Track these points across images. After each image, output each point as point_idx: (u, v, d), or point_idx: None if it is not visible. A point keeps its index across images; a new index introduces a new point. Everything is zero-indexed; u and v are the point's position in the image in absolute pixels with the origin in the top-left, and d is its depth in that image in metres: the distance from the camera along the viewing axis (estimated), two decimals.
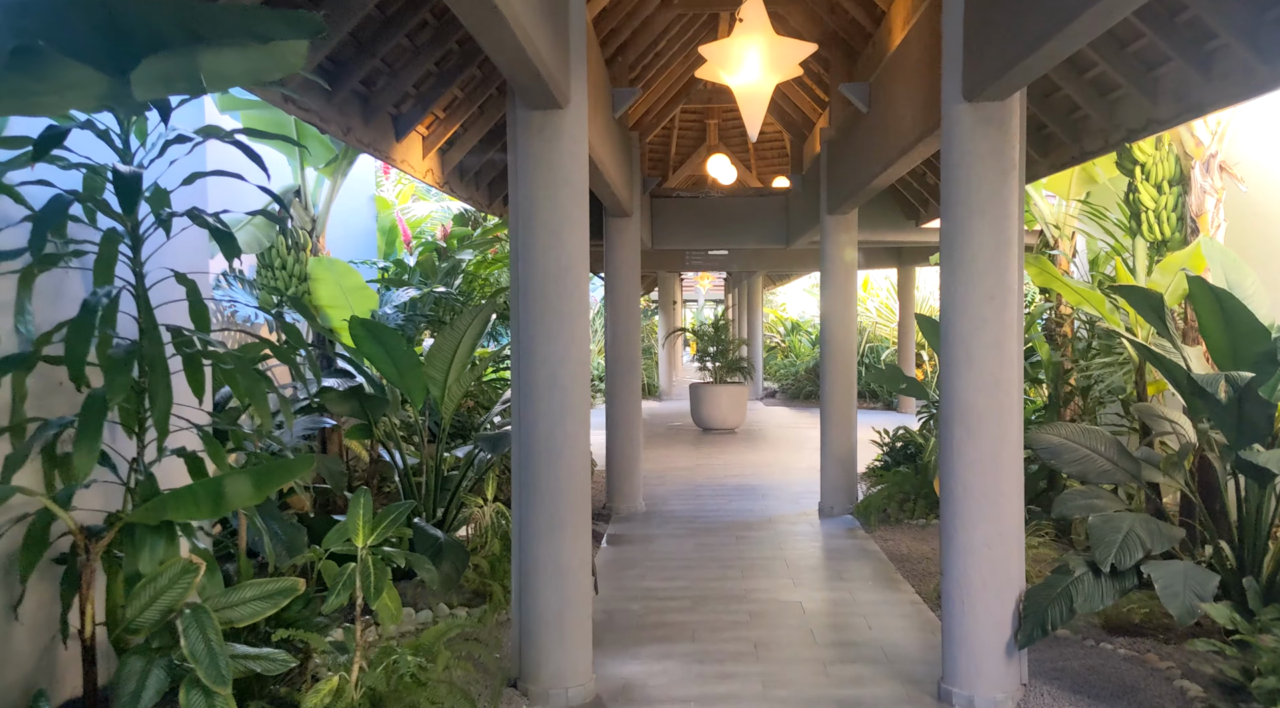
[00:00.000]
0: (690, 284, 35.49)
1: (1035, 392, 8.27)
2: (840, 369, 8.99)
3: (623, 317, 9.16)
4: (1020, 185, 4.49)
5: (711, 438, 14.92)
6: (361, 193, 9.72)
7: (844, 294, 9.00)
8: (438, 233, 8.73)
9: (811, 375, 20.80)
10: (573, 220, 4.60)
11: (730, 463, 12.27)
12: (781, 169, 18.09)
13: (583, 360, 4.65)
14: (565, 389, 4.56)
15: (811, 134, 11.75)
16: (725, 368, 15.99)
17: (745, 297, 23.25)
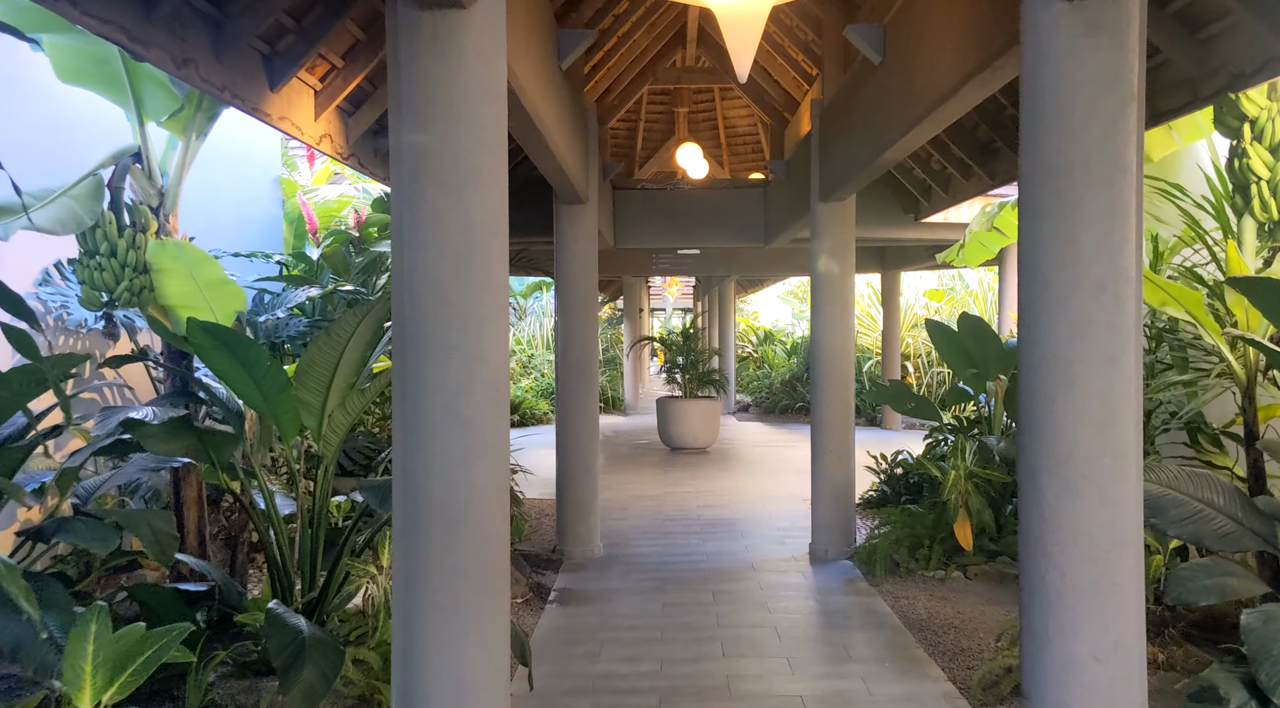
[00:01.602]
0: (658, 291, 34.07)
1: None
2: (835, 386, 7.56)
3: (576, 322, 7.67)
4: (1141, 123, 3.06)
5: (681, 459, 13.45)
6: (264, 174, 8.17)
7: (839, 297, 7.57)
8: (349, 220, 7.19)
9: (788, 388, 19.40)
10: (482, 175, 3.12)
11: (703, 490, 10.80)
12: (757, 166, 16.70)
13: (498, 383, 3.16)
14: (471, 425, 3.07)
15: (796, 115, 10.34)
16: (696, 381, 14.53)
17: (716, 304, 21.84)
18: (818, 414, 7.65)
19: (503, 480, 3.19)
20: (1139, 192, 3.05)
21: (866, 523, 8.64)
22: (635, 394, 20.41)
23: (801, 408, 18.65)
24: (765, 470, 12.27)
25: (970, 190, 8.25)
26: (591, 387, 7.74)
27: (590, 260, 7.69)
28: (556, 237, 7.65)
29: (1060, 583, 2.98)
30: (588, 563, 7.42)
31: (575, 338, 7.68)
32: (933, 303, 19.83)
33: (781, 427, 17.64)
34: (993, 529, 6.61)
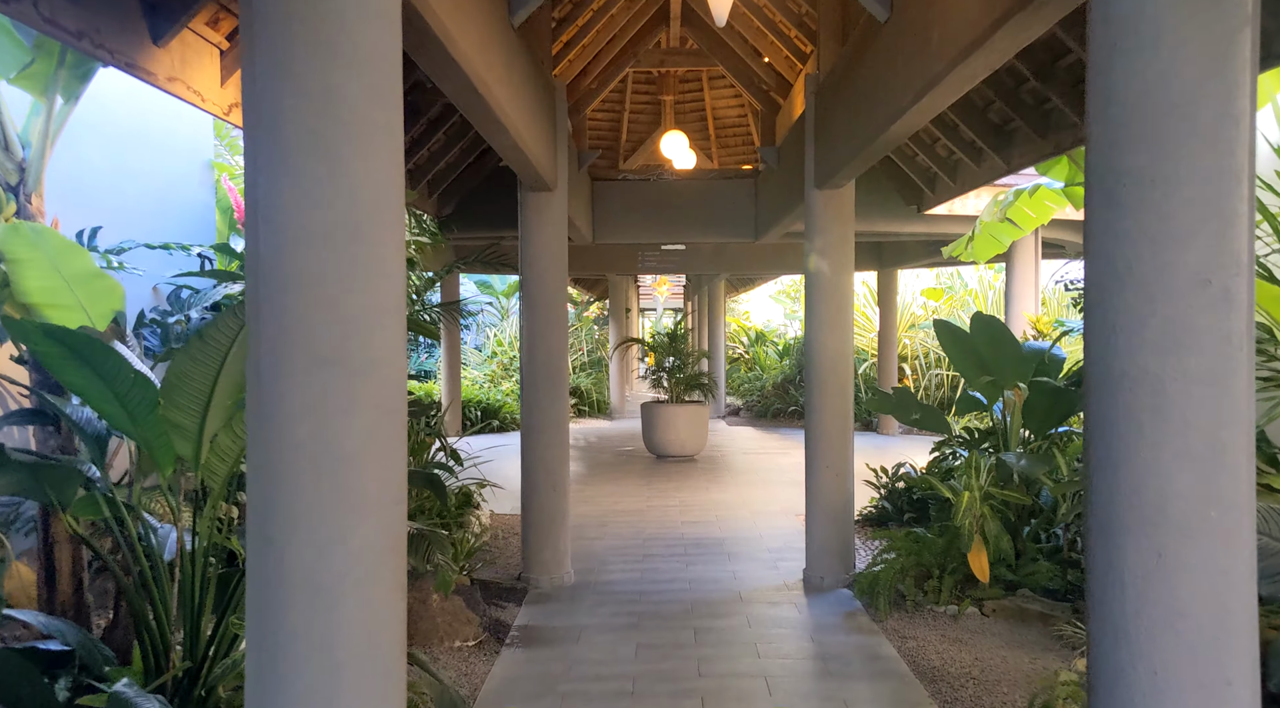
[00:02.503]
0: (648, 291, 33.28)
1: None
2: (832, 394, 6.77)
3: (544, 321, 6.86)
4: (1255, 56, 2.27)
5: (666, 468, 12.64)
6: (191, 156, 7.33)
7: (836, 294, 6.78)
8: None
9: (780, 391, 18.63)
10: (369, 129, 2.32)
11: (688, 503, 10.00)
12: (747, 159, 15.91)
13: (392, 406, 2.36)
14: (351, 464, 2.27)
15: (788, 99, 9.55)
16: (683, 385, 13.73)
17: (706, 303, 21.06)
18: (813, 424, 6.87)
19: (397, 540, 2.38)
20: (1252, 149, 2.26)
21: (866, 544, 7.87)
22: (622, 397, 19.62)
23: (794, 412, 17.88)
24: (755, 481, 11.48)
25: (981, 177, 7.47)
26: (560, 394, 6.93)
27: (558, 254, 6.88)
28: (521, 228, 6.84)
29: (1150, 683, 2.19)
30: (556, 593, 6.62)
31: (542, 339, 6.87)
32: (931, 302, 19.07)
33: (773, 432, 16.86)
34: (1011, 557, 5.82)
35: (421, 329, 7.73)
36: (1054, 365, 6.51)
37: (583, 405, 19.28)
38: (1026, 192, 6.76)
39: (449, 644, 5.31)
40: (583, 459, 13.65)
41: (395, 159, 2.39)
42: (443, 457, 8.05)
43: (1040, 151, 6.21)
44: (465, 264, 9.06)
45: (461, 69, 3.65)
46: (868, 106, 5.33)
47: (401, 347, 2.40)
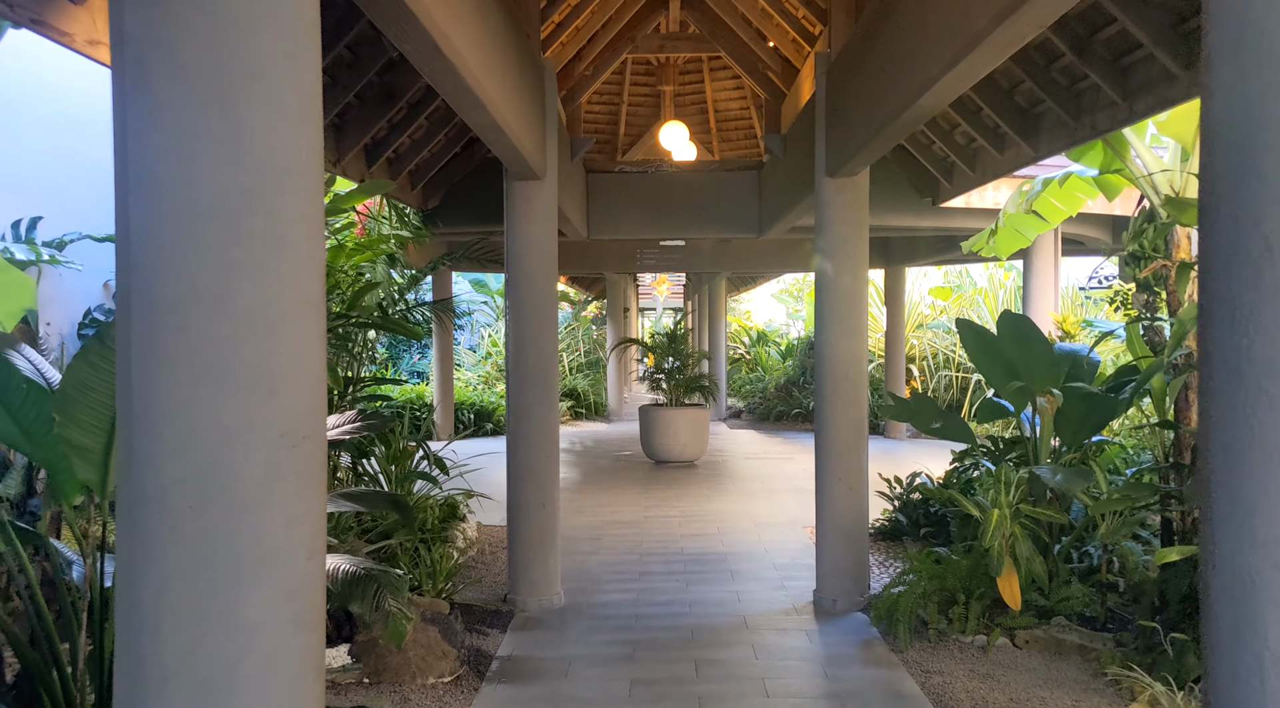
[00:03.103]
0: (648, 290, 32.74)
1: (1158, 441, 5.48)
2: (844, 401, 6.23)
3: (532, 321, 6.32)
4: None
5: (665, 474, 12.10)
6: None
7: (849, 292, 6.24)
8: None
9: (783, 393, 18.09)
10: (270, 74, 1.78)
11: (688, 514, 9.45)
12: (750, 153, 15.37)
13: (307, 429, 1.82)
14: (246, 512, 1.73)
15: (795, 86, 9.00)
16: (682, 387, 13.18)
17: (706, 303, 20.51)
18: (824, 434, 6.32)
19: (309, 608, 1.84)
20: None
21: (879, 561, 7.33)
22: (620, 400, 19.07)
23: (798, 415, 17.35)
24: (759, 489, 10.94)
25: (1004, 166, 6.94)
26: (550, 400, 6.39)
27: (547, 248, 6.33)
28: (507, 220, 6.30)
29: None
30: (544, 617, 6.08)
31: (531, 341, 6.32)
32: (939, 301, 18.53)
33: (776, 435, 16.32)
34: (1044, 580, 5.28)
35: (402, 330, 7.18)
36: (1087, 369, 5.97)
37: (579, 408, 18.74)
38: (1056, 181, 6.22)
39: (421, 682, 4.77)
40: (578, 465, 13.11)
41: (308, 107, 1.84)
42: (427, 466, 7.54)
43: (1073, 136, 5.67)
44: (451, 260, 8.51)
45: (419, 22, 3.11)
46: (890, 80, 4.78)
47: (317, 354, 1.86)
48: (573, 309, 22.91)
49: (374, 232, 7.91)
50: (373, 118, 6.47)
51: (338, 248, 7.12)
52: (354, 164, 6.75)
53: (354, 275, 7.67)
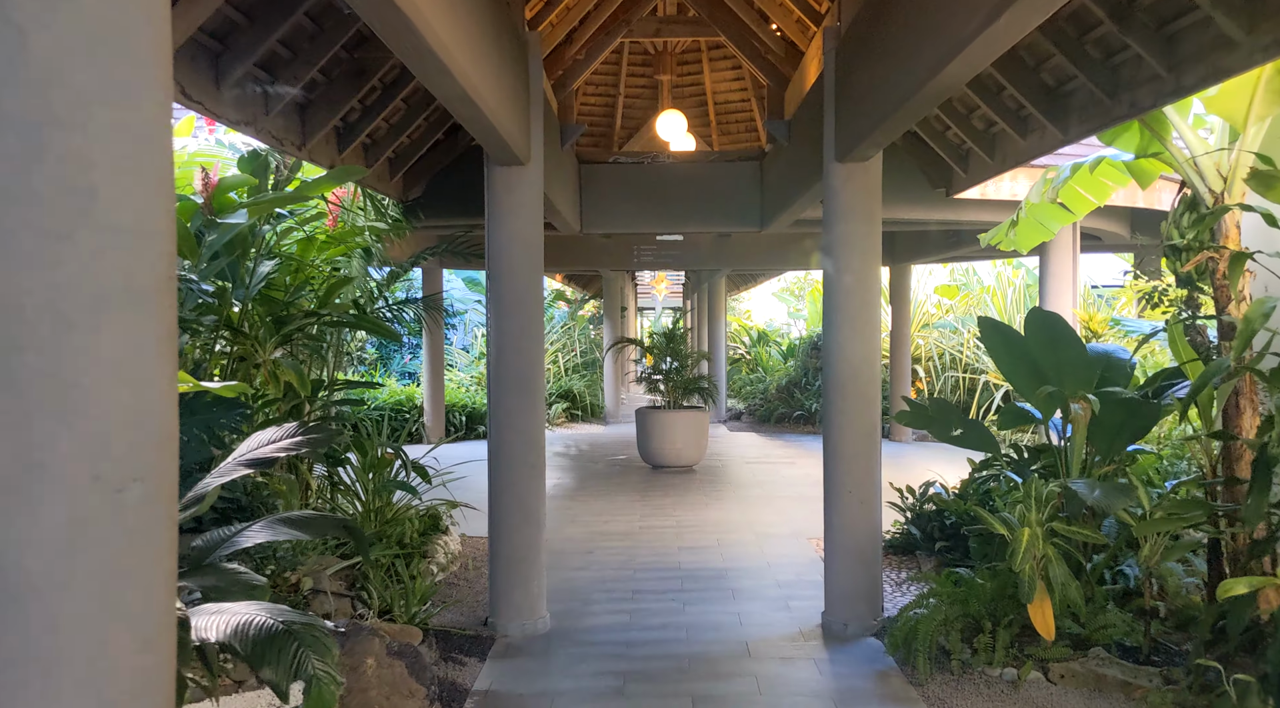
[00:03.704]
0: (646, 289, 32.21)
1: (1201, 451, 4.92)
2: (855, 407, 5.71)
3: (515, 320, 5.79)
4: None
5: (662, 480, 11.57)
6: None
7: (861, 288, 5.72)
8: (196, 183, 5.29)
9: (784, 395, 17.56)
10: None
11: (686, 524, 8.93)
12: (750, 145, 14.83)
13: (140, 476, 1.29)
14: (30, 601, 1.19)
15: (799, 69, 8.48)
16: (681, 389, 12.65)
17: (706, 302, 19.98)
18: (833, 442, 5.80)
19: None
20: None
21: (892, 577, 6.81)
22: (617, 401, 18.54)
23: (799, 417, 16.82)
24: (760, 496, 10.41)
25: (1027, 152, 6.42)
26: (535, 407, 5.86)
27: (532, 240, 5.81)
28: (488, 208, 5.78)
29: None
30: (527, 644, 5.55)
31: (513, 342, 5.80)
32: (945, 300, 18.01)
33: (777, 438, 15.80)
34: (1080, 607, 4.75)
35: (379, 330, 6.66)
36: (1120, 371, 5.44)
37: (575, 409, 18.22)
38: (1087, 166, 5.70)
39: None
40: (572, 470, 12.59)
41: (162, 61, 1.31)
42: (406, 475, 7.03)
43: (1108, 115, 5.14)
44: (433, 255, 8.00)
45: None
46: (910, 49, 4.25)
47: (157, 364, 1.33)
48: (569, 308, 22.39)
49: (348, 223, 7.39)
50: (342, 97, 5.94)
51: (307, 241, 6.60)
52: (322, 148, 6.22)
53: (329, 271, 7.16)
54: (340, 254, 6.89)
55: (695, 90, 14.53)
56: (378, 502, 7.02)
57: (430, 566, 6.91)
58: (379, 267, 7.60)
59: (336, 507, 6.96)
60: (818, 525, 8.29)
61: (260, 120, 5.39)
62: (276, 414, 6.12)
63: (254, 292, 5.99)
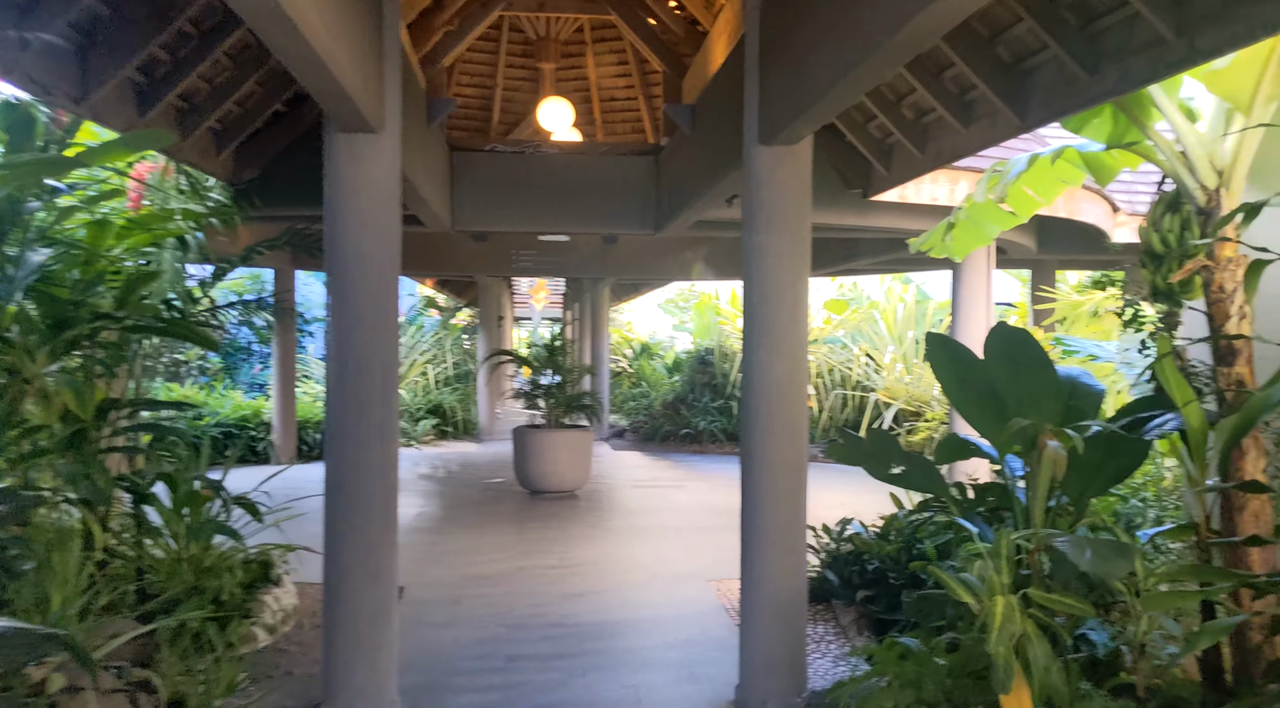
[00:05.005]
0: (524, 298, 30.94)
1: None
2: (780, 436, 4.74)
3: (361, 324, 4.60)
4: None
5: (543, 509, 10.42)
6: None
7: (789, 296, 4.77)
8: None
9: (670, 411, 16.62)
10: None
11: (570, 563, 7.82)
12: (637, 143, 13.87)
13: None
14: None
15: (703, 50, 7.51)
16: (563, 406, 11.54)
17: (588, 313, 18.91)
18: (752, 478, 4.82)
19: None
20: None
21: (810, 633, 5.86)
22: (492, 417, 17.26)
23: (687, 435, 15.90)
24: (652, 527, 9.40)
25: (970, 142, 5.60)
26: (387, 431, 4.67)
27: (385, 227, 4.63)
28: (328, 185, 4.58)
29: None
30: None
31: (360, 354, 4.60)
32: (835, 315, 17.44)
33: (664, 457, 14.83)
34: (1063, 695, 3.85)
35: (192, 337, 5.36)
36: (1089, 400, 4.61)
37: (446, 426, 16.87)
38: (1047, 157, 4.89)
39: None
40: (439, 496, 11.33)
41: None
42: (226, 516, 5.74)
43: (1085, 94, 4.30)
44: (271, 248, 6.71)
45: None
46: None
47: None
48: (441, 316, 21.00)
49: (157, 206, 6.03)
50: (137, 40, 4.64)
51: (99, 225, 5.24)
52: (113, 106, 4.87)
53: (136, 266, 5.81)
54: (146, 244, 5.54)
55: (579, 84, 13.49)
56: (193, 548, 5.72)
57: (255, 629, 5.62)
58: (201, 261, 6.25)
59: (142, 555, 5.61)
60: (719, 563, 7.36)
61: (19, 61, 4.06)
62: (47, 444, 4.76)
63: (20, 287, 4.64)
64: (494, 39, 12.71)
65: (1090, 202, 8.54)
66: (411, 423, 15.87)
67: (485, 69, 13.26)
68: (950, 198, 7.43)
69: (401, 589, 6.77)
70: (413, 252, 12.63)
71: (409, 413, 16.09)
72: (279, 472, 6.54)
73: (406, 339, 18.83)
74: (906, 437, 14.25)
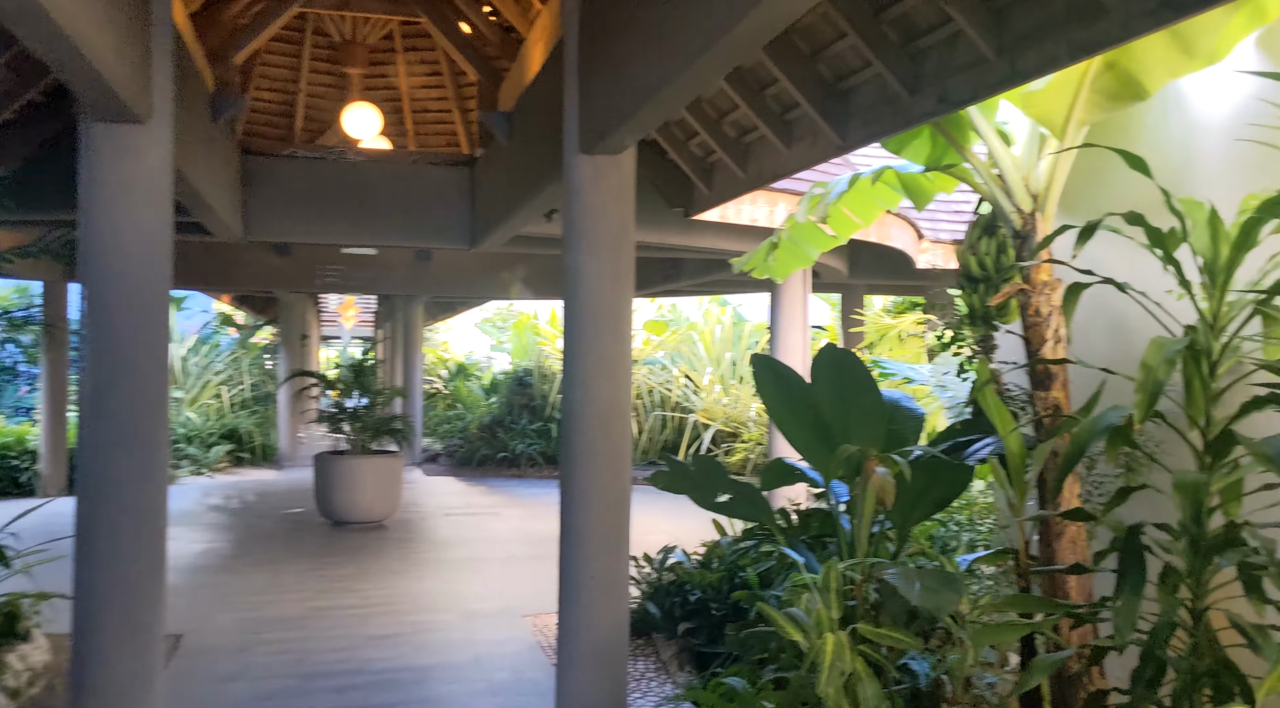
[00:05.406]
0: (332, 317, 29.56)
1: None
2: (604, 465, 4.45)
3: (126, 343, 4.01)
4: None
5: (347, 542, 9.74)
6: None
7: (612, 314, 4.50)
8: None
9: (486, 434, 16.09)
10: None
11: (375, 601, 7.26)
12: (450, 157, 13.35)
13: None
14: None
15: (519, 58, 7.18)
16: (371, 431, 10.88)
17: (401, 332, 18.14)
18: (573, 511, 4.50)
19: None
20: None
21: (629, 670, 5.58)
22: (293, 442, 16.20)
23: (504, 459, 15.42)
24: (465, 557, 8.92)
25: (791, 162, 5.52)
26: (155, 462, 4.07)
27: (155, 226, 4.05)
28: (83, 181, 3.97)
29: None
30: None
31: (118, 369, 3.99)
32: (654, 336, 17.42)
33: (479, 483, 14.31)
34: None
35: None
36: (910, 424, 4.55)
37: (242, 452, 15.73)
38: (868, 178, 4.84)
39: None
40: (232, 529, 10.43)
41: None
42: None
43: (906, 115, 4.25)
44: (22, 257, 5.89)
45: None
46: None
47: None
48: (239, 335, 19.68)
49: None
50: None
51: None
52: None
53: None
54: None
55: (390, 93, 12.87)
56: None
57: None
58: None
59: None
60: (536, 596, 7.00)
61: None
62: None
63: None
64: (297, 41, 11.94)
65: (899, 227, 8.74)
66: (203, 449, 14.69)
67: (288, 73, 12.44)
68: (770, 219, 7.39)
69: (179, 638, 6.08)
70: (201, 263, 11.77)
71: (200, 438, 14.90)
72: (39, 506, 5.74)
73: (200, 359, 17.51)
74: (725, 457, 14.33)
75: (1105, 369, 3.35)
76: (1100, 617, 3.36)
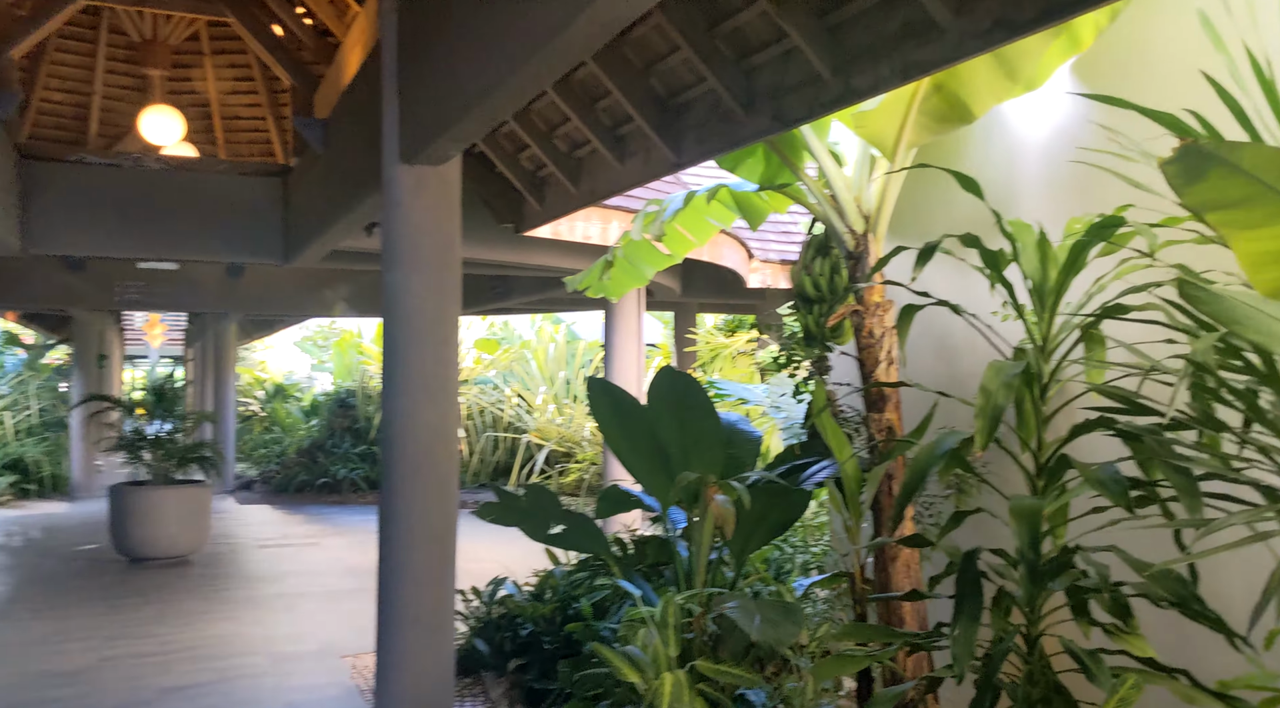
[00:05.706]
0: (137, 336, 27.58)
1: None
2: (427, 493, 4.14)
3: None
4: None
5: (145, 581, 8.92)
6: None
7: (435, 335, 4.20)
8: None
9: (306, 459, 15.27)
10: None
11: (174, 648, 6.62)
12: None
13: None
14: None
15: (336, 63, 6.77)
16: (176, 459, 10.06)
17: (212, 351, 17.01)
18: (393, 545, 4.16)
19: None
20: None
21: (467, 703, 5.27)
22: (89, 471, 14.90)
23: (325, 485, 14.65)
24: (278, 594, 8.31)
25: (625, 179, 5.36)
26: None
27: None
28: None
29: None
30: None
31: None
32: (485, 354, 17.01)
33: (298, 511, 13.52)
34: None
35: None
36: (747, 448, 4.47)
37: (28, 484, 14.34)
38: (703, 196, 4.74)
39: None
40: (12, 570, 9.43)
41: None
42: None
43: (739, 133, 4.16)
44: None
45: None
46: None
47: None
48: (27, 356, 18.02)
49: None
50: None
51: None
52: None
53: None
54: None
55: (197, 98, 12.04)
56: None
57: None
58: None
59: None
60: (353, 634, 6.58)
61: None
62: None
63: None
64: (91, 40, 11.01)
65: (730, 247, 8.78)
66: None
67: (81, 73, 11.44)
68: (603, 237, 7.24)
69: None
70: None
71: None
72: None
73: None
74: (559, 478, 14.08)
75: (941, 393, 3.31)
76: (937, 644, 3.32)
